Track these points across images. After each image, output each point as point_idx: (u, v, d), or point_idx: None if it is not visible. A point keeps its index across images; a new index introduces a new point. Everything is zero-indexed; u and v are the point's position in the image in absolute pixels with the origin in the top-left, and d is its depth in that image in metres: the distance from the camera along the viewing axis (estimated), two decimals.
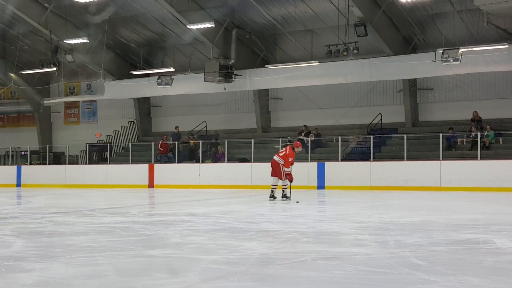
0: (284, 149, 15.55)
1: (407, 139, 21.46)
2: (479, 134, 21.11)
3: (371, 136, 22.67)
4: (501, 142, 21.91)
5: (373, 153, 22.26)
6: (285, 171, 14.96)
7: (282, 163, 15.02)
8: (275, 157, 15.28)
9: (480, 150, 20.44)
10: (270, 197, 15.17)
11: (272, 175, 15.27)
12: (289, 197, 14.96)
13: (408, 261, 5.90)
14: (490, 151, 21.23)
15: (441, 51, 20.41)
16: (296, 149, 15.49)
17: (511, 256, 6.36)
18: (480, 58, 20.87)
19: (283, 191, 15.17)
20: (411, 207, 13.25)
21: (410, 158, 21.21)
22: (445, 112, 24.64)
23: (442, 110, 24.83)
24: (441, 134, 21.26)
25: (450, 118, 24.30)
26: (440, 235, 8.36)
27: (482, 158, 20.06)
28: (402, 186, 20.30)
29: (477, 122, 22.47)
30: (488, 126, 21.94)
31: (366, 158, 22.22)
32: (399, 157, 21.63)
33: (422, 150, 22.37)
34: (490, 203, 14.25)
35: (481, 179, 19.22)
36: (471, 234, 8.25)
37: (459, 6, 21.65)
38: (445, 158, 20.67)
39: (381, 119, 25.44)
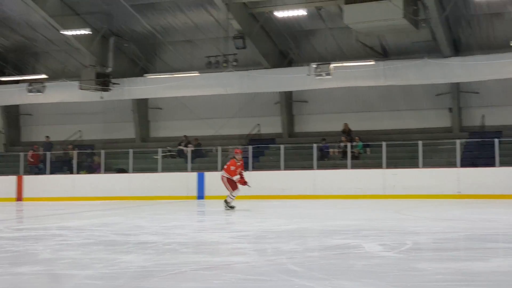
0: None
1: (284, 149, 22.11)
2: (349, 144, 22.19)
3: (250, 147, 23.12)
4: (368, 153, 23.16)
5: (252, 163, 22.70)
6: (235, 181, 15.52)
7: (226, 176, 15.50)
8: (221, 172, 15.88)
9: (350, 160, 21.49)
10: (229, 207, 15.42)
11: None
12: (233, 207, 15.37)
13: (285, 267, 6.06)
14: (359, 161, 22.38)
15: (315, 66, 21.30)
16: (236, 156, 15.84)
17: (379, 260, 6.75)
18: (350, 73, 21.98)
19: (227, 201, 15.51)
20: (287, 215, 13.65)
21: (287, 167, 21.88)
22: (318, 124, 25.62)
23: (316, 121, 25.81)
24: (314, 145, 22.11)
25: (323, 129, 25.31)
26: (314, 241, 8.75)
27: (352, 167, 21.11)
28: (280, 195, 20.87)
29: (347, 133, 23.59)
30: (357, 137, 23.13)
31: (245, 168, 22.57)
32: (277, 167, 22.24)
33: (298, 160, 23.12)
34: (359, 210, 15.01)
35: (350, 187, 20.24)
36: (342, 239, 8.69)
37: (330, 23, 22.71)
38: (319, 167, 21.53)
39: (259, 130, 26.02)
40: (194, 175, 22.40)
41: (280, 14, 21.85)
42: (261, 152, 24.49)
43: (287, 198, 20.52)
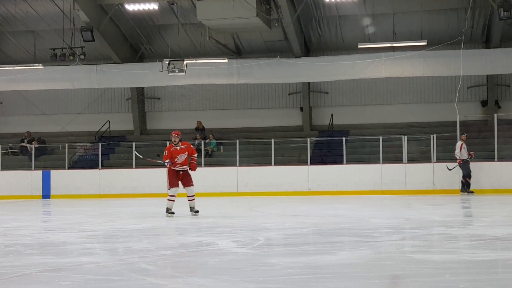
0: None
1: (135, 147, 21.64)
2: (202, 142, 22.20)
3: (100, 144, 22.40)
4: (222, 150, 23.33)
5: (102, 160, 22.01)
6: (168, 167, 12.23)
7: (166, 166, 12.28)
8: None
9: (204, 157, 21.51)
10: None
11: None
12: (172, 212, 11.92)
13: (137, 266, 5.94)
14: (213, 159, 22.48)
15: (167, 62, 21.03)
16: (172, 138, 12.85)
17: (232, 256, 6.78)
18: (203, 70, 22.01)
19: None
20: (140, 214, 13.39)
21: (139, 165, 21.43)
22: (171, 121, 25.39)
23: (169, 119, 25.57)
24: (168, 142, 21.78)
25: (176, 126, 25.01)
26: (167, 240, 8.61)
27: (205, 165, 21.13)
28: (131, 194, 20.41)
29: (200, 131, 23.60)
30: (210, 135, 23.20)
31: (95, 166, 21.89)
32: (128, 165, 21.72)
33: (150, 158, 22.71)
34: (213, 208, 15.04)
35: (204, 185, 20.21)
36: (196, 237, 8.62)
37: (183, 19, 22.57)
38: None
39: (109, 127, 25.29)
40: (38, 174, 21.28)
41: (131, 7, 21.34)
42: (112, 149, 23.83)
43: (139, 196, 20.11)
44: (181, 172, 12.24)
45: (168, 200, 11.94)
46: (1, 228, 10.57)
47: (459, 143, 17.89)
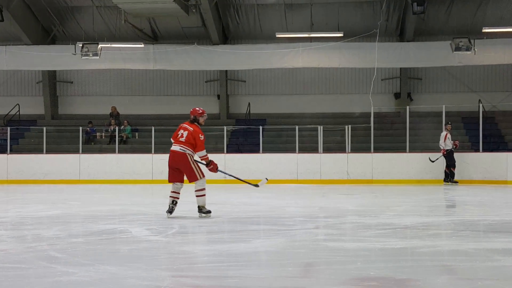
0: (182, 129, 9.62)
1: (46, 132, 20.93)
2: (117, 128, 21.74)
3: (8, 128, 21.50)
4: (137, 137, 22.94)
5: (11, 145, 21.16)
6: (200, 158, 9.35)
7: (190, 152, 9.27)
8: (175, 147, 9.55)
9: (118, 144, 21.08)
10: (169, 211, 9.21)
11: (171, 180, 9.42)
12: (209, 212, 9.20)
13: (46, 254, 5.77)
14: (128, 145, 22.07)
15: (81, 45, 20.42)
16: (201, 119, 9.68)
17: (145, 244, 6.67)
18: (118, 55, 21.54)
19: (200, 201, 9.23)
20: (50, 201, 12.98)
21: (50, 151, 20.74)
22: (85, 106, 24.75)
23: (82, 103, 24.90)
24: (80, 128, 21.29)
25: (90, 112, 24.50)
26: (79, 227, 8.37)
27: (119, 152, 20.71)
28: (42, 180, 19.73)
29: (115, 116, 23.11)
30: (125, 121, 22.76)
31: (3, 151, 21.00)
32: (38, 150, 20.97)
33: (62, 143, 22.10)
34: (127, 195, 14.78)
35: (119, 172, 19.84)
36: (108, 224, 8.41)
37: (98, 1, 21.95)
38: (84, 151, 20.76)
39: (19, 110, 24.33)
40: None
41: None
42: (21, 134, 22.96)
43: (50, 183, 19.48)
44: None
45: (202, 195, 9.20)
46: None
47: (443, 133, 17.93)
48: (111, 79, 24.68)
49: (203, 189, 9.17)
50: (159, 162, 19.71)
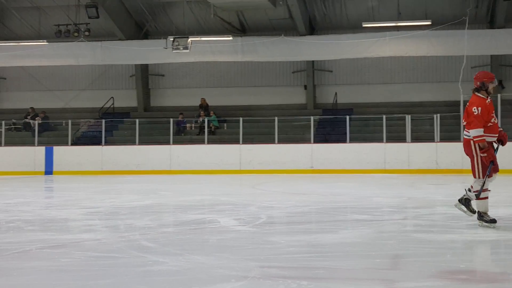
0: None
1: (139, 124, 21.64)
2: (206, 119, 22.17)
3: (103, 120, 22.40)
4: (225, 128, 23.30)
5: (105, 137, 22.03)
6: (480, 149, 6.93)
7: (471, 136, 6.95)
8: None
9: (207, 135, 21.50)
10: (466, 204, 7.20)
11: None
12: (493, 221, 6.90)
13: (138, 244, 5.93)
14: (216, 136, 22.46)
15: (172, 39, 20.94)
16: (491, 86, 6.95)
17: (233, 234, 6.77)
18: (207, 48, 21.92)
19: (478, 206, 7.05)
20: (142, 191, 13.38)
21: (142, 142, 21.45)
22: (175, 98, 25.37)
23: (173, 96, 25.54)
24: (171, 119, 21.85)
25: (180, 104, 25.10)
26: (169, 217, 8.62)
27: (209, 142, 21.13)
28: (134, 170, 20.45)
29: (204, 108, 23.55)
30: (211, 112, 23.17)
31: (98, 143, 21.90)
32: (131, 142, 21.73)
33: (154, 135, 22.78)
34: (216, 185, 15.05)
35: (208, 162, 20.25)
36: (197, 214, 8.61)
37: None
38: (175, 142, 21.32)
39: (113, 103, 25.28)
40: (41, 150, 21.31)
41: None
42: (115, 126, 23.84)
43: (142, 173, 20.16)
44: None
45: (481, 199, 6.97)
46: (2, 204, 10.56)
47: None
48: (200, 72, 25.16)
49: (480, 191, 6.84)
50: (247, 152, 20.02)
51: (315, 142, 20.40)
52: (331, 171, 19.03)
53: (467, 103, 6.96)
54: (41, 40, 22.95)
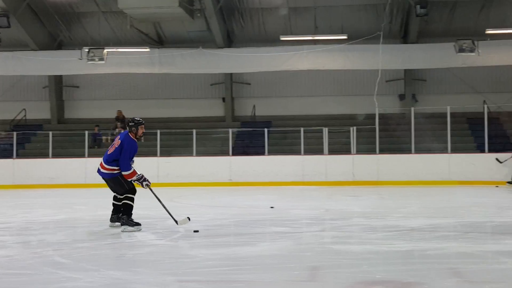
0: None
1: (52, 136, 20.99)
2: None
3: (15, 133, 21.56)
4: (142, 141, 22.91)
5: (17, 150, 21.21)
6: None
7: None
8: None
9: None
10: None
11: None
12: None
13: (52, 260, 5.78)
14: None
15: (87, 50, 20.51)
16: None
17: (150, 248, 6.66)
18: (124, 60, 21.58)
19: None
20: (56, 205, 13.00)
21: (56, 155, 20.80)
22: (91, 110, 24.78)
23: (88, 108, 24.93)
24: (86, 132, 21.32)
25: (95, 116, 24.53)
26: (84, 232, 8.37)
27: None
28: (48, 184, 19.78)
29: (121, 120, 23.13)
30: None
31: (9, 156, 21.05)
32: (44, 154, 21.02)
33: (68, 147, 22.13)
34: (136, 198, 14.71)
35: None
36: (114, 229, 8.40)
37: (104, 7, 22.01)
38: (91, 155, 20.79)
39: (25, 115, 24.42)
40: None
41: None
42: (28, 138, 23.00)
43: (56, 187, 19.52)
44: None
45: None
46: None
47: None
48: (117, 83, 24.70)
49: None
50: (165, 165, 19.79)
51: (233, 154, 20.44)
52: (250, 184, 19.10)
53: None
54: None
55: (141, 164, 19.70)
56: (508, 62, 20.87)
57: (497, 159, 17.80)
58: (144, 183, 8.20)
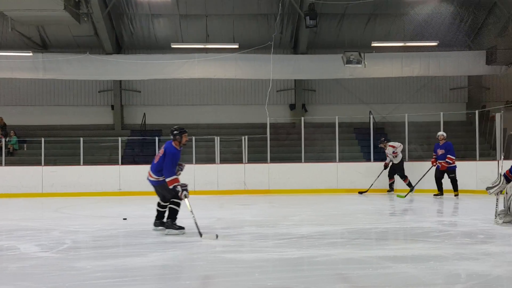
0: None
1: None
2: (3, 140, 20.72)
3: None
4: (25, 149, 21.97)
5: None
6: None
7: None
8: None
9: (5, 156, 20.08)
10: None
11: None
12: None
13: None
14: (15, 157, 21.07)
15: None
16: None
17: (35, 261, 6.35)
18: (5, 64, 20.64)
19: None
20: None
21: None
22: None
23: None
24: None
25: None
26: None
27: (6, 164, 19.72)
28: None
29: (2, 127, 22.03)
30: (12, 131, 21.75)
31: None
32: None
33: None
34: (15, 209, 14.06)
35: (6, 185, 18.86)
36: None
37: None
38: None
39: None
40: None
41: None
42: None
43: None
44: None
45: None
46: None
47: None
48: None
49: None
50: (49, 175, 19.00)
51: (123, 163, 19.95)
52: (140, 193, 18.69)
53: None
54: None
55: (24, 173, 18.95)
56: (391, 74, 21.89)
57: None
58: (184, 192, 8.44)
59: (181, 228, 8.56)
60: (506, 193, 9.21)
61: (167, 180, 8.48)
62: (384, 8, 21.79)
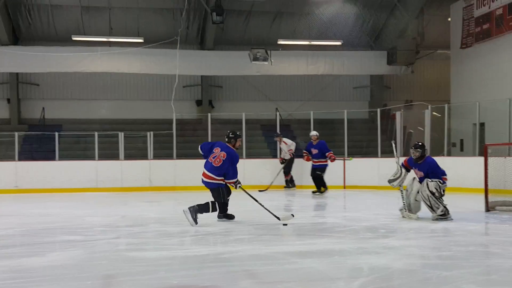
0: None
1: None
2: None
3: None
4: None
5: None
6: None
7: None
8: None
9: None
10: None
11: None
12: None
13: None
14: None
15: None
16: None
17: None
18: None
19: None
20: None
21: None
22: None
23: None
24: None
25: None
26: None
27: None
28: None
29: None
30: None
31: None
32: None
33: None
34: None
35: None
36: None
37: None
38: None
39: None
40: None
41: None
42: None
43: None
44: None
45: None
46: None
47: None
48: None
49: None
50: None
51: (20, 159, 19.04)
52: (39, 191, 17.96)
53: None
54: None
55: None
56: (297, 72, 22.22)
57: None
58: (238, 185, 9.44)
59: (195, 220, 8.89)
60: (407, 190, 9.52)
61: (231, 180, 9.36)
62: (290, 6, 22.07)
